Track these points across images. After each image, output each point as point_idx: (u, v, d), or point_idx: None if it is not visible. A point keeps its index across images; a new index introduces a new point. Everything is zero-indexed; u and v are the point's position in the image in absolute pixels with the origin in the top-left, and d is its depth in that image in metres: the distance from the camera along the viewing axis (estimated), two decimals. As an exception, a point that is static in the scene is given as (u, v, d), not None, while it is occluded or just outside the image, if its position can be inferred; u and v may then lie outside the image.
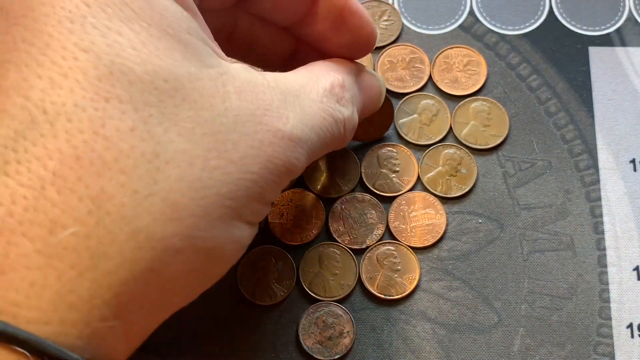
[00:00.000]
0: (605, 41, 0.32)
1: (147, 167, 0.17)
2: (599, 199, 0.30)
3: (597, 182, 0.30)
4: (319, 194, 0.30)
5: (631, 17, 0.33)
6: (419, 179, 0.30)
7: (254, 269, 0.28)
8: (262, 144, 0.19)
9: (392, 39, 0.32)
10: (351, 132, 0.24)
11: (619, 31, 0.32)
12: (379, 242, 0.29)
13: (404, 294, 0.28)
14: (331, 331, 0.28)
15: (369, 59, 0.32)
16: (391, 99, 0.31)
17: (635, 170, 0.30)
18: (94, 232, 0.16)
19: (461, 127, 0.31)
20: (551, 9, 0.33)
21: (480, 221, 0.30)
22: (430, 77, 0.32)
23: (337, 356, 0.27)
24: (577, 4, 0.33)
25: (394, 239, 0.29)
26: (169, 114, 0.18)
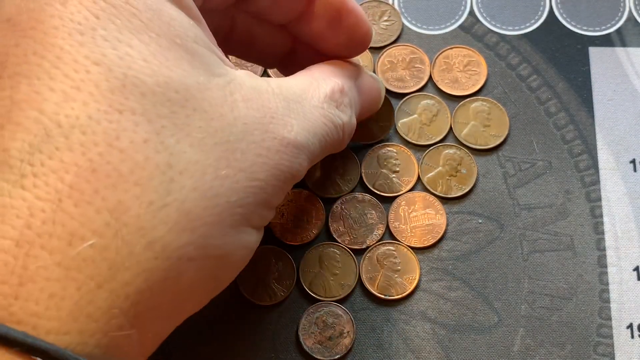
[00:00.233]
0: (605, 41, 0.32)
1: (161, 179, 0.17)
2: (599, 199, 0.30)
3: (597, 182, 0.30)
4: (313, 189, 0.30)
5: (631, 18, 0.33)
6: (419, 179, 0.30)
7: (254, 269, 0.28)
8: (269, 152, 0.20)
9: (392, 39, 0.32)
10: (349, 136, 0.25)
11: (619, 31, 0.32)
12: (379, 242, 0.29)
13: (404, 294, 0.28)
14: (331, 331, 0.28)
15: (369, 59, 0.32)
16: (391, 99, 0.31)
17: (635, 170, 0.30)
18: (111, 244, 0.16)
19: (461, 127, 0.31)
20: (551, 9, 0.33)
21: (480, 221, 0.30)
22: (430, 77, 0.32)
23: (337, 356, 0.27)
24: (577, 4, 0.33)
25: (394, 239, 0.29)
26: (181, 125, 0.18)
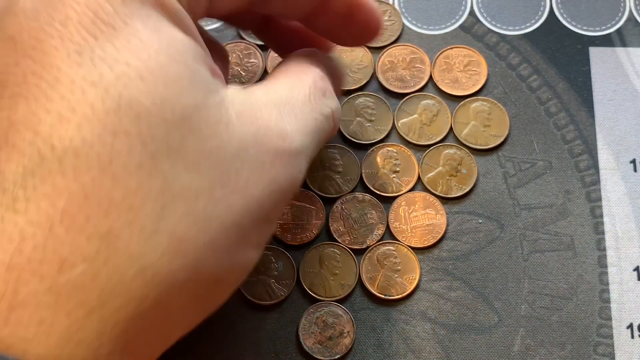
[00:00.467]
0: (605, 41, 0.32)
1: (154, 205, 0.17)
2: (599, 200, 0.30)
3: (597, 182, 0.30)
4: (312, 187, 0.30)
5: (632, 18, 0.33)
6: (419, 179, 0.30)
7: (255, 269, 0.28)
8: (264, 166, 0.19)
9: (393, 39, 0.32)
10: (339, 120, 0.24)
11: (619, 31, 0.32)
12: (379, 242, 0.29)
13: (404, 294, 0.28)
14: (331, 331, 0.28)
15: (369, 59, 0.32)
16: (392, 99, 0.31)
17: (635, 170, 0.30)
18: (102, 271, 0.16)
19: (461, 127, 0.31)
20: (551, 9, 0.33)
21: (480, 221, 0.30)
22: (430, 77, 0.32)
23: (337, 356, 0.27)
24: (577, 4, 0.33)
25: (394, 239, 0.29)
26: (176, 147, 0.17)
